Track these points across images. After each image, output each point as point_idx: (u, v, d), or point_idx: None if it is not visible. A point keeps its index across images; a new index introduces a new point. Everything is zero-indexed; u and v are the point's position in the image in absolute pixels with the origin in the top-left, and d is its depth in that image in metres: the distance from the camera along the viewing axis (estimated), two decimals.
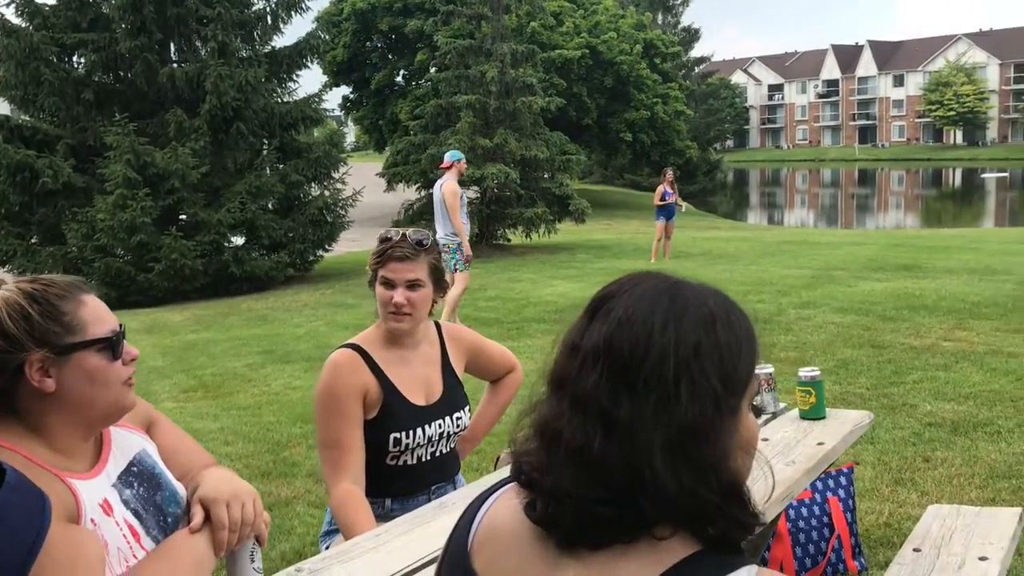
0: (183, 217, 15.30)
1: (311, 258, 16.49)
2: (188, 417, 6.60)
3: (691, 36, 48.46)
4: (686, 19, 51.59)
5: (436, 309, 2.59)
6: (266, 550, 4.04)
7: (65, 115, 15.50)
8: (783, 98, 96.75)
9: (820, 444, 2.54)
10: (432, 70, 26.69)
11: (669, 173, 16.09)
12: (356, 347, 2.49)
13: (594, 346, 1.07)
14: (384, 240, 2.49)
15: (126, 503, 1.56)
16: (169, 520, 1.63)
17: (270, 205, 15.95)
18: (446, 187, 9.20)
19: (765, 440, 2.63)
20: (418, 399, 2.49)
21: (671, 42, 35.10)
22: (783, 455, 2.47)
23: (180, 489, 1.69)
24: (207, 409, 6.85)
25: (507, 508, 1.15)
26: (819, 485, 3.38)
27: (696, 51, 48.53)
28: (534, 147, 18.15)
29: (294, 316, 11.80)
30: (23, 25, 15.38)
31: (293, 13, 16.85)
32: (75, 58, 15.86)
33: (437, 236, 9.20)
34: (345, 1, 31.98)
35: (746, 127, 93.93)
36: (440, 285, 2.52)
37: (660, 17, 47.70)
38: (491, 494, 1.20)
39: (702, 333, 1.08)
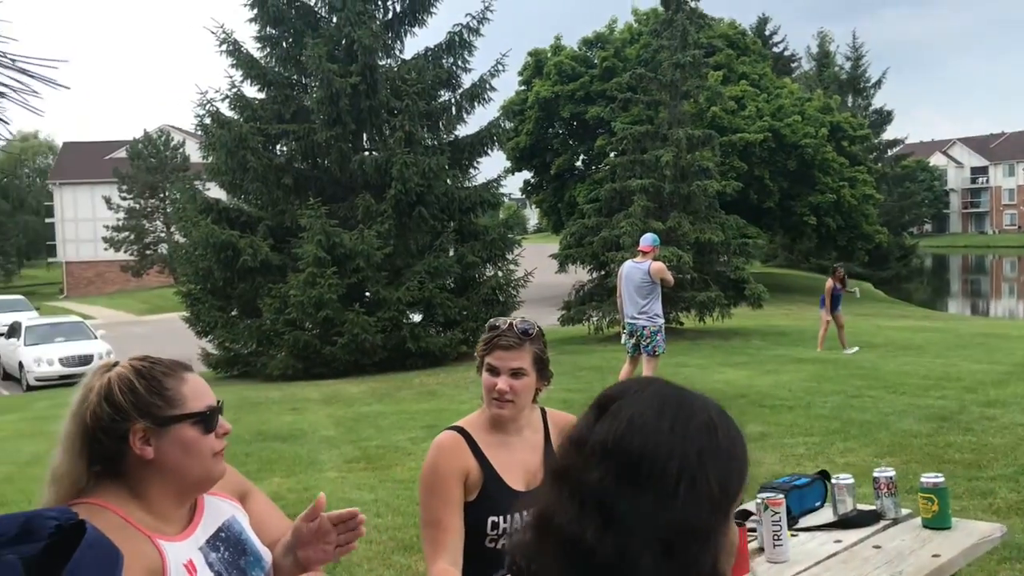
0: (367, 295, 16.13)
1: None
2: (347, 487, 6.90)
3: (883, 118, 46.79)
4: (878, 101, 49.79)
5: (540, 397, 2.67)
6: None
7: (266, 199, 16.83)
8: (988, 181, 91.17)
9: (935, 556, 2.41)
10: (610, 155, 27.12)
11: (840, 271, 15.50)
12: (461, 430, 2.59)
13: (602, 442, 1.12)
14: (492, 328, 2.60)
15: (211, 565, 1.72)
16: None
17: (447, 285, 16.57)
18: (654, 266, 9.22)
19: (877, 548, 2.52)
20: (518, 484, 2.56)
21: (860, 125, 34.08)
22: (891, 565, 2.36)
23: (265, 554, 1.84)
24: (366, 480, 7.14)
25: None
26: None
27: (888, 133, 46.75)
28: (708, 230, 18.00)
29: (461, 392, 12.11)
30: (234, 117, 16.93)
31: (477, 104, 17.71)
32: (278, 147, 17.25)
33: (637, 321, 9.20)
34: (530, 91, 33.20)
35: (946, 211, 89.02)
36: (544, 374, 2.60)
37: (850, 100, 46.47)
38: None
39: (705, 439, 1.13)
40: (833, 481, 2.83)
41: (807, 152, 29.85)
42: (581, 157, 33.90)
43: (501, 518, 2.51)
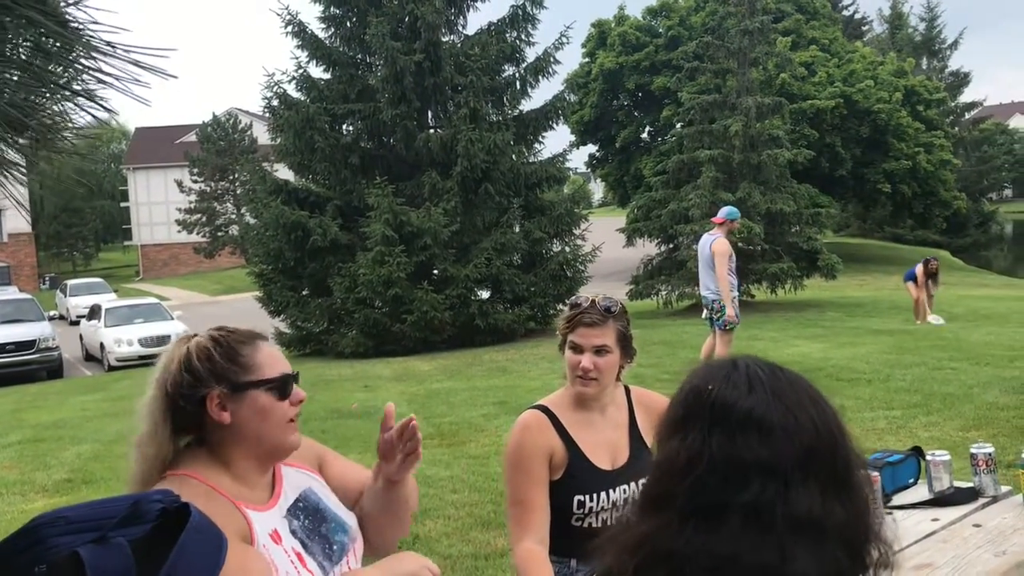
0: (434, 272, 16.21)
1: (551, 312, 16.88)
2: (423, 464, 6.94)
3: (960, 80, 45.20)
4: (955, 63, 48.12)
5: (624, 374, 2.63)
6: None
7: (334, 179, 16.98)
8: None
9: None
10: (677, 126, 26.75)
11: (934, 264, 14.69)
12: (544, 409, 2.57)
13: (796, 460, 1.04)
14: (574, 306, 2.57)
15: (293, 533, 1.77)
16: (335, 548, 1.82)
17: (514, 261, 16.55)
18: (716, 245, 8.98)
19: (977, 527, 2.44)
20: (603, 463, 2.53)
21: (936, 88, 32.99)
22: (994, 544, 2.28)
23: (348, 518, 1.88)
24: (440, 457, 7.19)
25: None
26: None
27: (966, 96, 45.18)
28: (780, 200, 17.66)
29: (531, 368, 12.12)
30: (301, 98, 17.09)
31: (541, 78, 17.57)
32: (344, 127, 17.36)
33: (707, 294, 9.10)
34: (594, 63, 32.87)
35: None
36: (627, 352, 2.56)
37: (925, 62, 45.00)
38: None
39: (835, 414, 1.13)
40: (928, 457, 2.75)
41: (880, 118, 29.05)
42: (647, 129, 33.53)
43: (587, 497, 2.49)
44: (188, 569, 1.32)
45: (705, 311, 9.36)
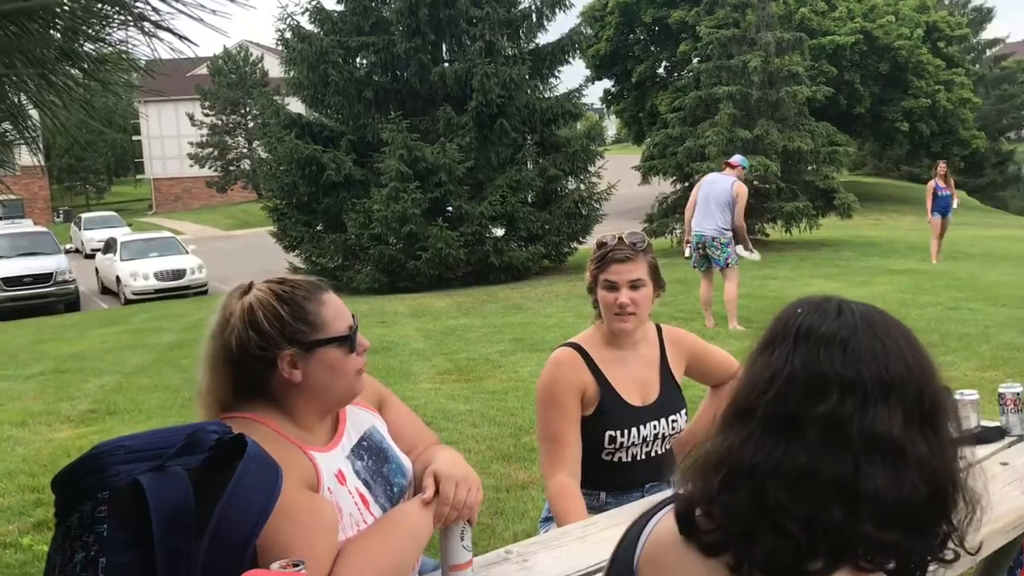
0: (449, 209, 16.17)
1: (565, 250, 16.89)
2: (442, 398, 7.04)
3: (983, 16, 44.29)
4: None
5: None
6: (500, 530, 4.25)
7: (348, 113, 16.83)
8: None
9: None
10: (694, 61, 26.36)
11: (942, 166, 14.82)
12: (576, 346, 2.60)
13: (879, 382, 1.07)
14: (601, 245, 2.59)
15: (357, 473, 1.76)
16: (395, 490, 1.81)
17: (529, 198, 16.48)
18: (740, 188, 8.98)
19: (1005, 465, 2.47)
20: (634, 399, 2.56)
21: (958, 24, 32.33)
22: (1022, 481, 2.31)
23: (406, 462, 1.87)
24: (459, 392, 7.27)
25: (672, 528, 1.16)
26: None
27: (988, 32, 44.33)
28: (797, 138, 17.48)
29: (546, 306, 12.16)
30: (315, 31, 16.87)
31: (557, 10, 17.28)
32: (358, 60, 17.16)
33: (704, 231, 9.00)
34: None
35: None
36: (659, 283, 2.59)
37: None
38: (656, 512, 1.23)
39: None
40: (956, 396, 2.76)
41: (900, 55, 28.56)
42: (663, 64, 33.02)
43: (618, 432, 2.53)
44: (245, 496, 1.36)
45: (700, 249, 9.16)
